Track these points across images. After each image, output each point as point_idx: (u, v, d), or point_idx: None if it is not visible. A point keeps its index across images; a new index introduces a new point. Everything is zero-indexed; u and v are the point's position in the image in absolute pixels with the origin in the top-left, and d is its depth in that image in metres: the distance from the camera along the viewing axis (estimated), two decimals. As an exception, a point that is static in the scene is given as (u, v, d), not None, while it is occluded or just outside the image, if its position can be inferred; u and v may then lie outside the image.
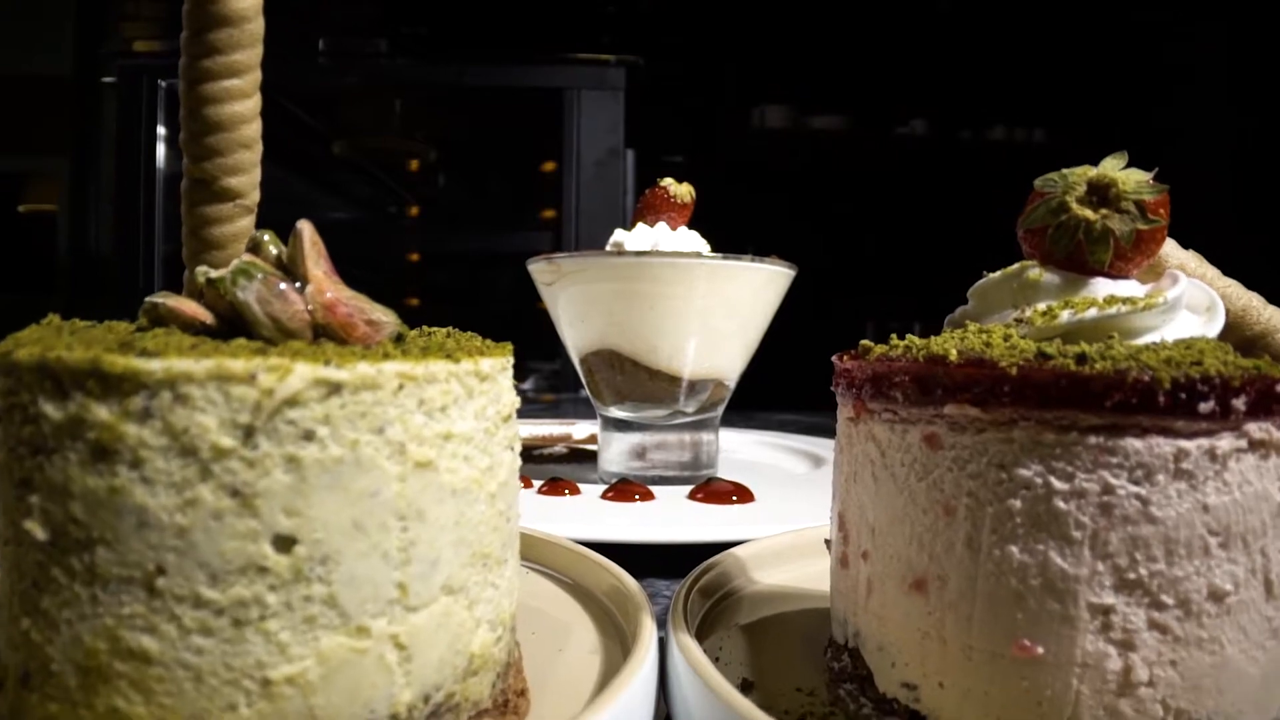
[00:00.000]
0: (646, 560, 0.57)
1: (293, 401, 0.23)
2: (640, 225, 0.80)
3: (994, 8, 3.25)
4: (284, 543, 0.23)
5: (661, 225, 0.79)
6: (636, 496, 0.70)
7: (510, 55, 2.37)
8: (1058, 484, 0.27)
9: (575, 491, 0.72)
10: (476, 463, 0.27)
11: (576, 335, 0.80)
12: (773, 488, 0.75)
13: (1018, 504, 0.27)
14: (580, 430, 1.12)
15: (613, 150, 2.30)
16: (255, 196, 0.35)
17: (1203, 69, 3.22)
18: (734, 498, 0.69)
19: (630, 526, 0.59)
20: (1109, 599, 0.26)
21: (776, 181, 3.39)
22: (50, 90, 2.89)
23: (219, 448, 0.22)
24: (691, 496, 0.71)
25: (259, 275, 0.27)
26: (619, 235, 0.79)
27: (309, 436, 0.23)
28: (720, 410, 0.84)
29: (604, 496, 0.70)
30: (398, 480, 0.24)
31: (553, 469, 0.89)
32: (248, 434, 0.23)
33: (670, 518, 0.64)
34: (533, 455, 0.98)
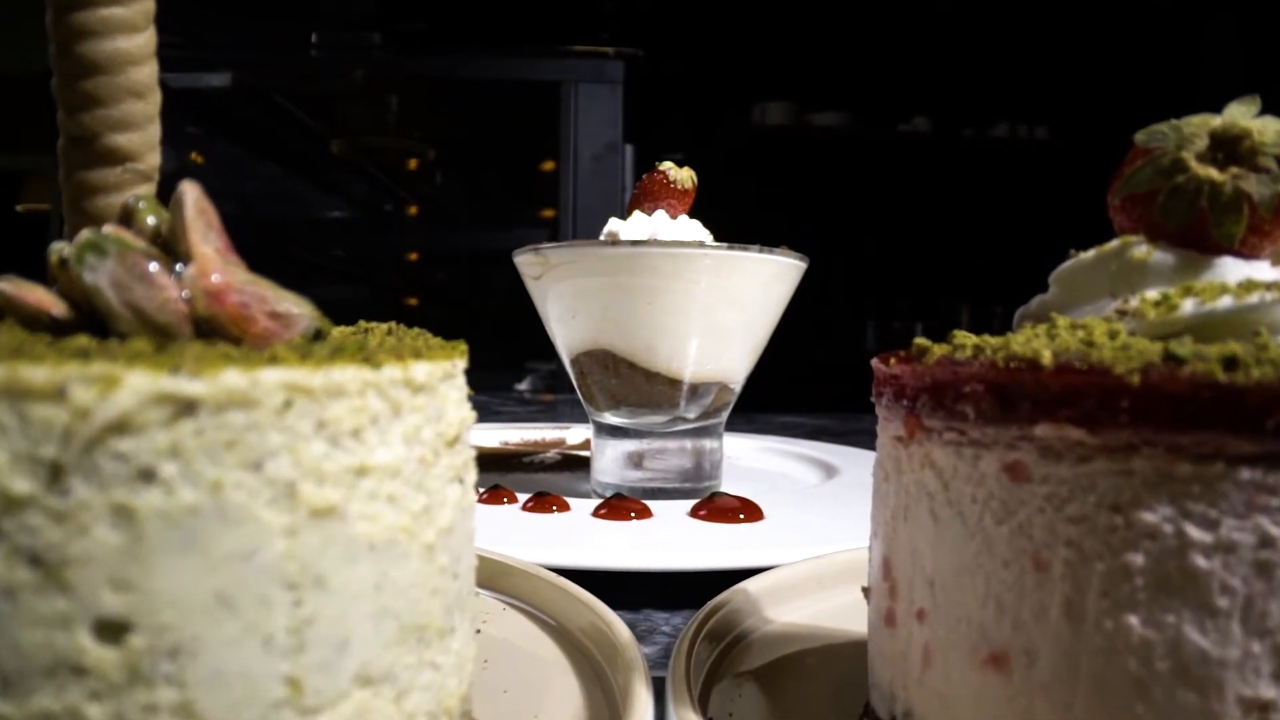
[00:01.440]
0: (644, 588, 0.50)
1: (122, 426, 0.16)
2: (637, 214, 0.72)
3: (997, 5, 3.19)
4: (112, 630, 0.16)
5: (660, 214, 0.71)
6: (632, 514, 0.63)
7: (506, 48, 2.32)
8: (1196, 533, 0.20)
9: (564, 508, 0.65)
10: (406, 504, 0.20)
11: (567, 334, 0.73)
12: (783, 503, 0.68)
13: (1139, 559, 0.20)
14: (575, 435, 1.06)
15: (611, 145, 2.24)
16: (154, 160, 0.28)
17: (1212, 64, 3.16)
18: (741, 515, 0.62)
19: (626, 551, 0.52)
20: (1268, 691, 0.19)
21: (777, 179, 3.34)
22: (48, 89, 2.82)
23: (10, 495, 0.15)
24: (693, 514, 0.63)
25: (113, 251, 0.20)
26: (614, 224, 0.72)
27: (147, 477, 0.16)
28: (724, 416, 0.77)
29: (596, 514, 0.63)
30: (284, 535, 0.17)
31: (542, 480, 0.82)
32: (54, 474, 0.16)
33: (670, 540, 0.57)
34: (522, 463, 0.91)
